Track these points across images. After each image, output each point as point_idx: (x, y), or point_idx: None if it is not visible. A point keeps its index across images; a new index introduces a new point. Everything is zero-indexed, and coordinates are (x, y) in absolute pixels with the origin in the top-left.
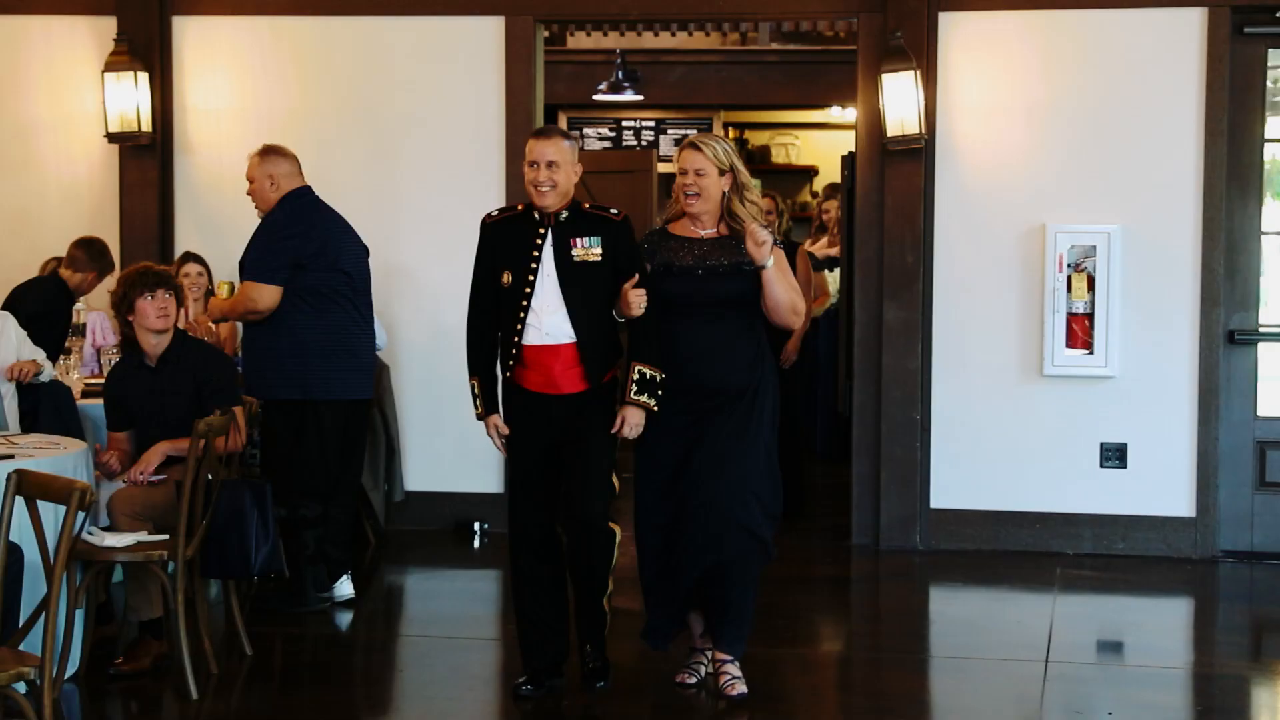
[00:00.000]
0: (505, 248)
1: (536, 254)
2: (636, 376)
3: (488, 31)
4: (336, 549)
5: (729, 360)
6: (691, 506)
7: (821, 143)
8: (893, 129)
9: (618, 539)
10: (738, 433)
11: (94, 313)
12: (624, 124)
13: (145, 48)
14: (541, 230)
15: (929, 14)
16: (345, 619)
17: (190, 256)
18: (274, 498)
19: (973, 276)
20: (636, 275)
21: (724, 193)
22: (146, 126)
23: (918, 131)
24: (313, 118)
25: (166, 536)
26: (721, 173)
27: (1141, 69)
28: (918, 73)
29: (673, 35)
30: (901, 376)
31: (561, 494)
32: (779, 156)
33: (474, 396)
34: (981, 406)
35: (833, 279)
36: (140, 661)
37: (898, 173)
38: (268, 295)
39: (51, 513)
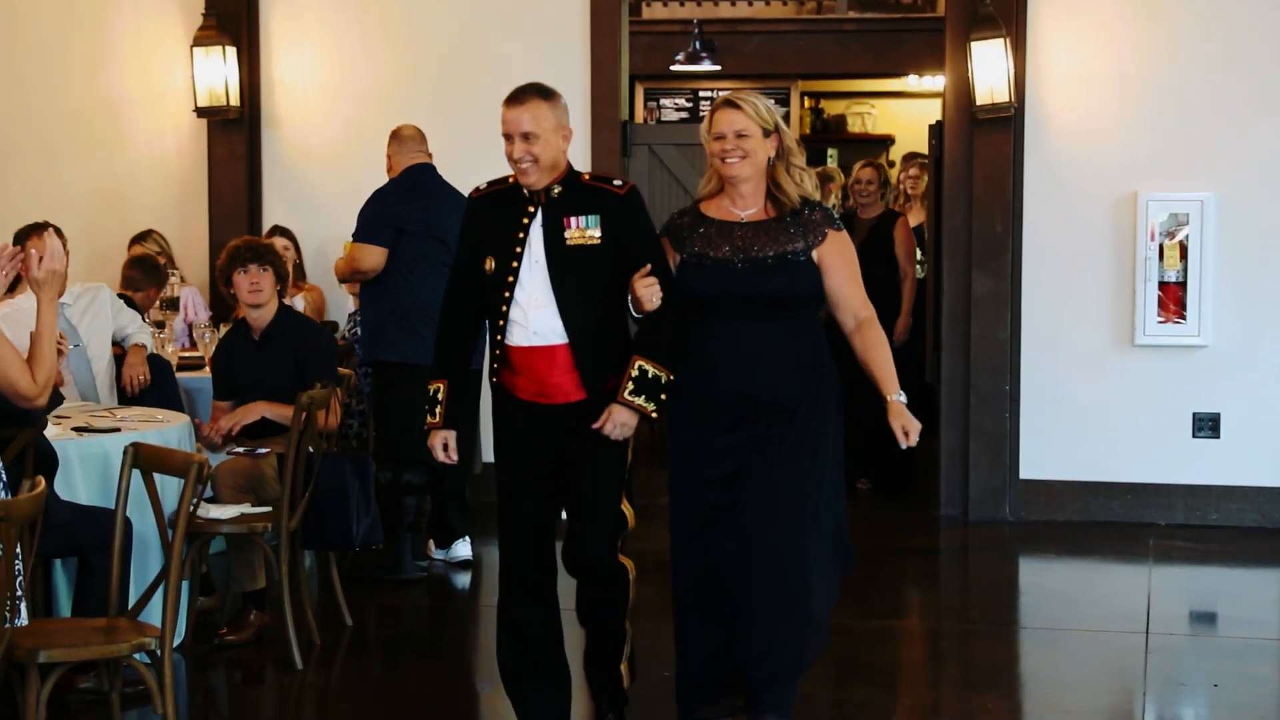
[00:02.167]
0: (490, 229)
1: (522, 236)
2: (635, 373)
3: (573, 3)
4: (454, 515)
5: (777, 368)
6: (737, 566)
7: (898, 111)
8: (982, 97)
9: (631, 576)
10: (792, 457)
11: (187, 288)
12: (701, 95)
13: (233, 21)
14: (530, 209)
15: None
16: (439, 590)
17: (278, 230)
18: (379, 462)
19: (1062, 246)
20: (649, 265)
21: (769, 160)
22: (235, 101)
23: (1008, 100)
24: (398, 91)
25: (270, 509)
26: (766, 133)
27: (1237, 34)
28: (1007, 40)
29: (750, 5)
30: (991, 347)
31: (563, 526)
32: (855, 126)
33: (433, 404)
34: (1072, 377)
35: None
36: (244, 632)
37: (987, 141)
38: (370, 256)
39: (159, 484)
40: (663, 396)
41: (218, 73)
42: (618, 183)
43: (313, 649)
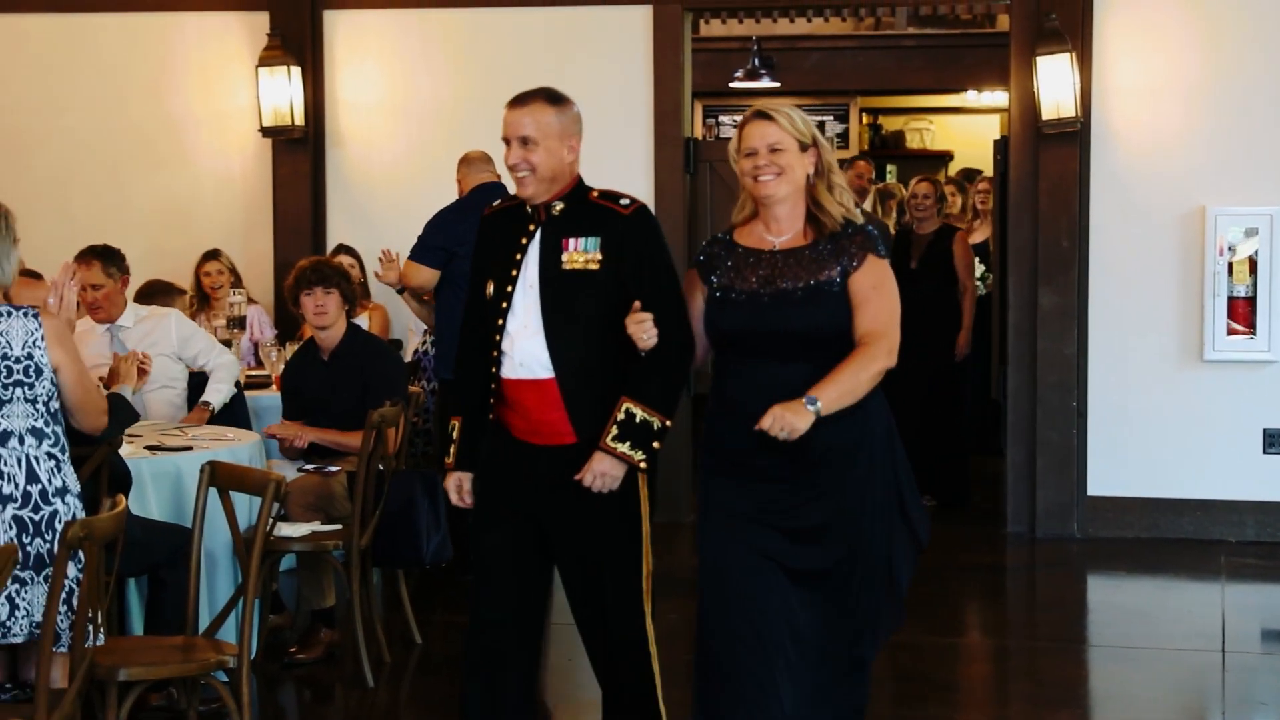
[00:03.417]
0: (494, 249)
1: (519, 257)
2: (621, 416)
3: (635, 20)
4: None
5: None
6: (777, 637)
7: (957, 127)
8: (1048, 112)
9: (652, 641)
10: (853, 515)
11: (253, 307)
12: None
13: (297, 42)
14: (530, 227)
15: None
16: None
17: (343, 249)
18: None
19: (1130, 261)
20: (640, 300)
21: (807, 177)
22: (299, 120)
23: (1074, 114)
24: (461, 109)
25: (340, 526)
26: (804, 147)
27: None
28: (1073, 54)
29: (808, 21)
30: (1057, 362)
31: (545, 589)
32: (914, 141)
33: (449, 441)
34: (1140, 392)
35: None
36: (314, 650)
37: (1052, 156)
38: (418, 274)
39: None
40: (655, 445)
41: (282, 92)
42: (625, 201)
43: (383, 666)
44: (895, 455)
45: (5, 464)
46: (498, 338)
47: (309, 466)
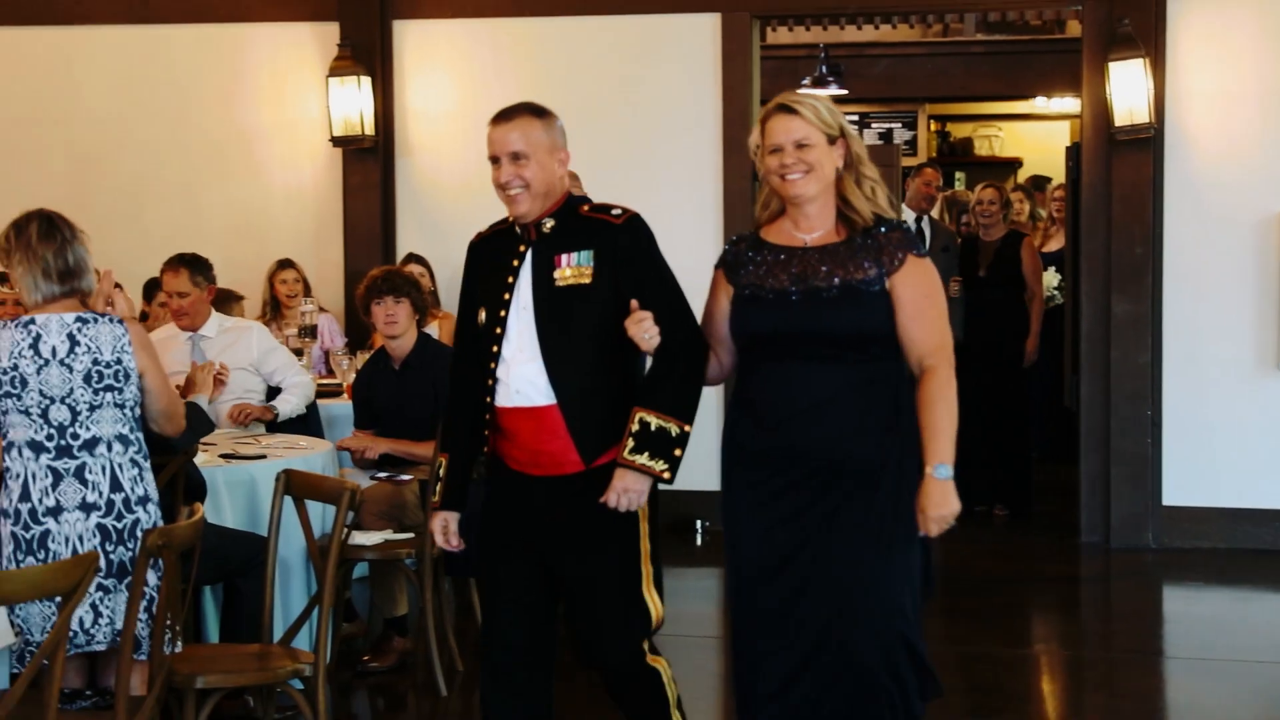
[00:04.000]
0: (484, 275)
1: (511, 280)
2: (636, 427)
3: (704, 28)
4: None
5: (842, 422)
6: (804, 653)
7: (1026, 134)
8: (1121, 119)
9: (666, 676)
10: (866, 537)
11: (324, 315)
12: None
13: (367, 51)
14: (520, 248)
15: (1157, 1)
16: None
17: (413, 258)
18: None
19: (1204, 268)
20: (637, 300)
21: (836, 170)
22: (369, 130)
23: (1147, 120)
24: None
25: (412, 534)
26: (831, 140)
27: None
28: (1146, 60)
29: (876, 28)
30: (1131, 371)
31: (559, 619)
32: (982, 148)
33: (434, 479)
34: (1215, 401)
35: (1048, 275)
36: (387, 658)
37: (1125, 163)
38: None
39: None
40: (676, 453)
41: (353, 102)
42: (617, 211)
43: (455, 674)
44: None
45: (90, 472)
46: (492, 365)
47: (382, 475)
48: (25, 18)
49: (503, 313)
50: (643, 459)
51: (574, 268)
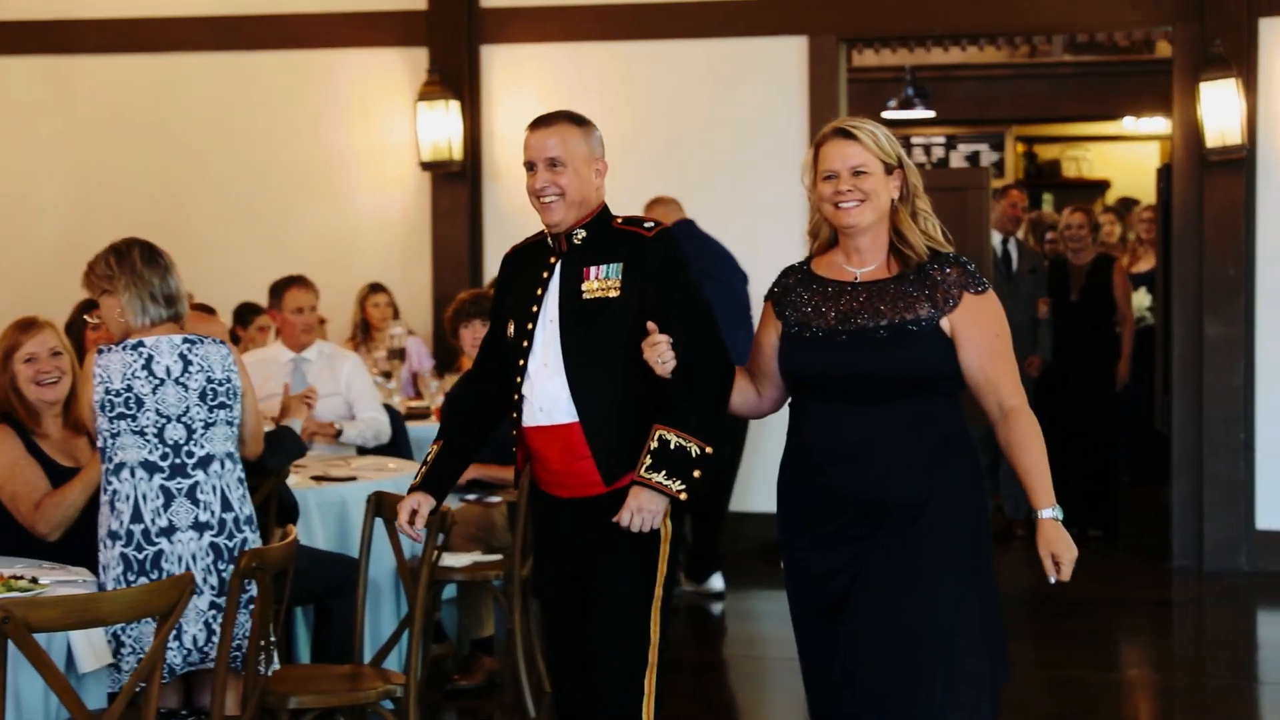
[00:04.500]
0: (515, 287)
1: (540, 292)
2: (655, 444)
3: (790, 52)
4: (715, 546)
5: (886, 464)
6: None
7: (1115, 155)
8: (1212, 140)
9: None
10: (907, 579)
11: (412, 339)
12: (913, 141)
13: (456, 77)
14: (551, 259)
15: (1249, 20)
16: (688, 625)
17: None
18: None
19: None
20: (672, 319)
21: (892, 202)
22: (457, 154)
23: (1239, 141)
24: (617, 142)
25: (501, 556)
26: (889, 169)
27: None
28: (1238, 80)
29: (963, 50)
30: (1223, 394)
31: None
32: (1069, 170)
33: (422, 464)
34: None
35: (1138, 295)
36: (475, 677)
37: (1217, 184)
38: None
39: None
40: (695, 474)
41: (441, 127)
42: (649, 224)
43: (543, 695)
44: (982, 515)
45: (201, 491)
46: (519, 379)
47: (470, 497)
48: (120, 46)
49: (530, 325)
50: (659, 477)
51: (601, 280)
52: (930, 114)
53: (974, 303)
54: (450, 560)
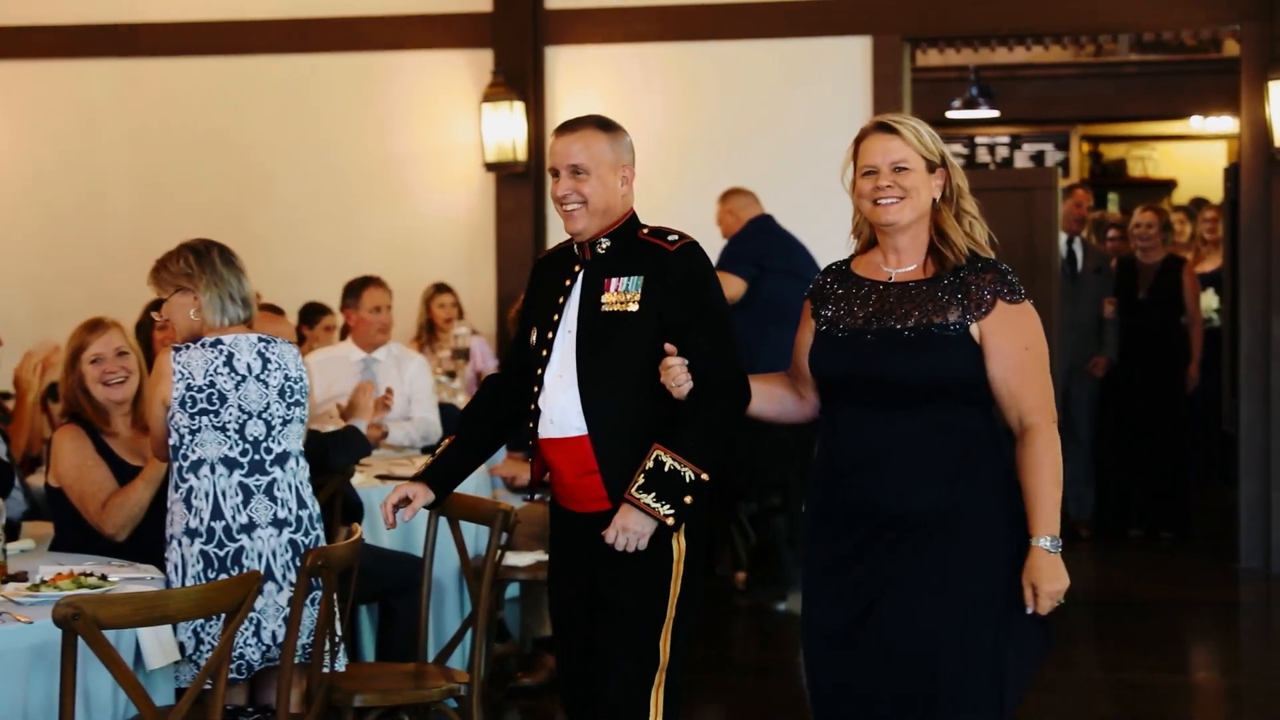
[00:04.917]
0: (541, 294)
1: (562, 301)
2: (650, 465)
3: (855, 52)
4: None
5: (906, 471)
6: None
7: (1181, 154)
8: None
9: None
10: (932, 586)
11: (477, 339)
12: (977, 141)
13: (520, 78)
14: (575, 268)
15: None
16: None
17: None
18: (741, 496)
19: None
20: (689, 339)
21: (934, 201)
22: (522, 155)
23: None
24: (681, 143)
25: None
26: (931, 167)
27: None
28: None
29: (1028, 49)
30: None
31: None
32: (1135, 170)
33: (431, 456)
34: None
35: (1205, 296)
36: (539, 673)
37: None
38: (731, 285)
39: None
40: (686, 500)
41: (506, 128)
42: (673, 237)
43: None
44: (1013, 526)
45: (279, 488)
46: (536, 389)
47: (535, 496)
48: (188, 49)
49: (551, 334)
50: (648, 499)
51: (620, 293)
52: (995, 114)
53: (1007, 312)
54: (513, 559)
